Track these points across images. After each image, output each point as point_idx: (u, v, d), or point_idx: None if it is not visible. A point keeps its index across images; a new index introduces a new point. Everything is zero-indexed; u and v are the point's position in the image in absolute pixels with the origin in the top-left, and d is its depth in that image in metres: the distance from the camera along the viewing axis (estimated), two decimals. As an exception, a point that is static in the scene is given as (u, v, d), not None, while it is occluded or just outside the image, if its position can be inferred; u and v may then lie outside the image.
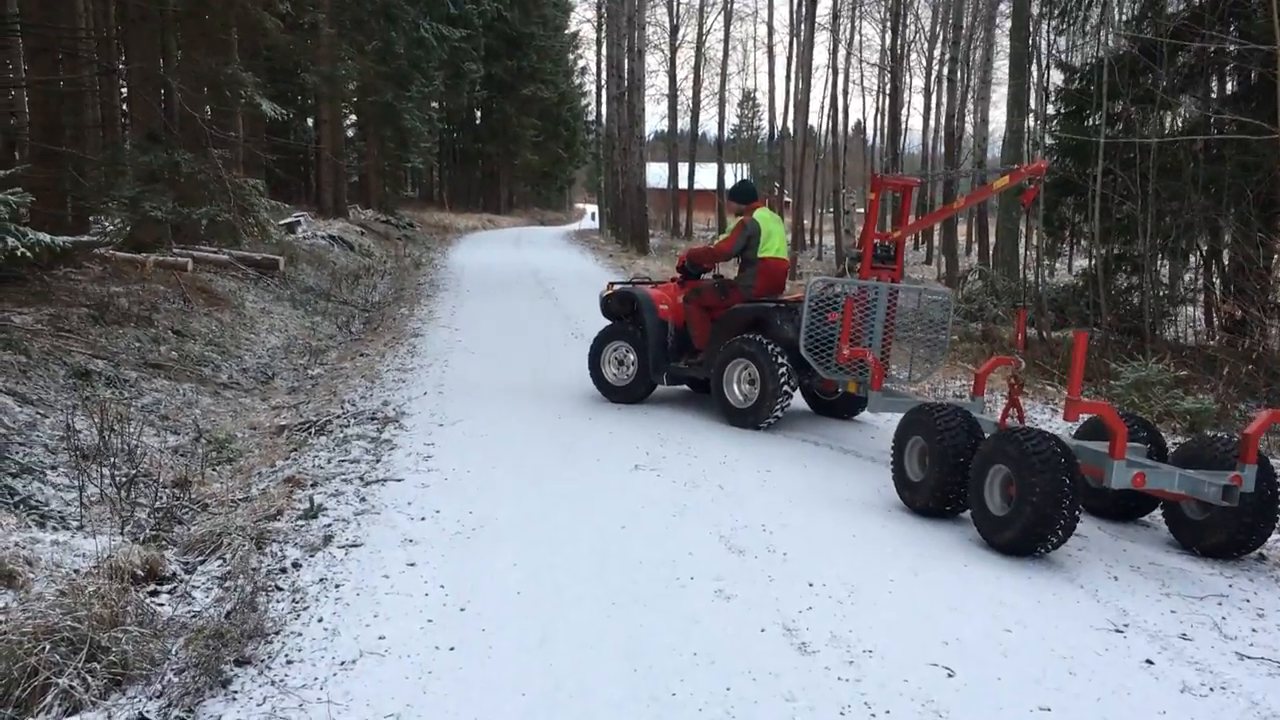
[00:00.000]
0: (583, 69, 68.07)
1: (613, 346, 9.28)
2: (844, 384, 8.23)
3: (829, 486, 6.77)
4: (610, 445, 7.65)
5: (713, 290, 8.89)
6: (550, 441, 7.73)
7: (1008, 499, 5.48)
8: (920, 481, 6.20)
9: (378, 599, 4.67)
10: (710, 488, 6.52)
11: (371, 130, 35.69)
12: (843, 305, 7.78)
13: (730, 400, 8.38)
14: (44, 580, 4.40)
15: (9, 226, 6.50)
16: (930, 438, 6.09)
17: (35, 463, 7.15)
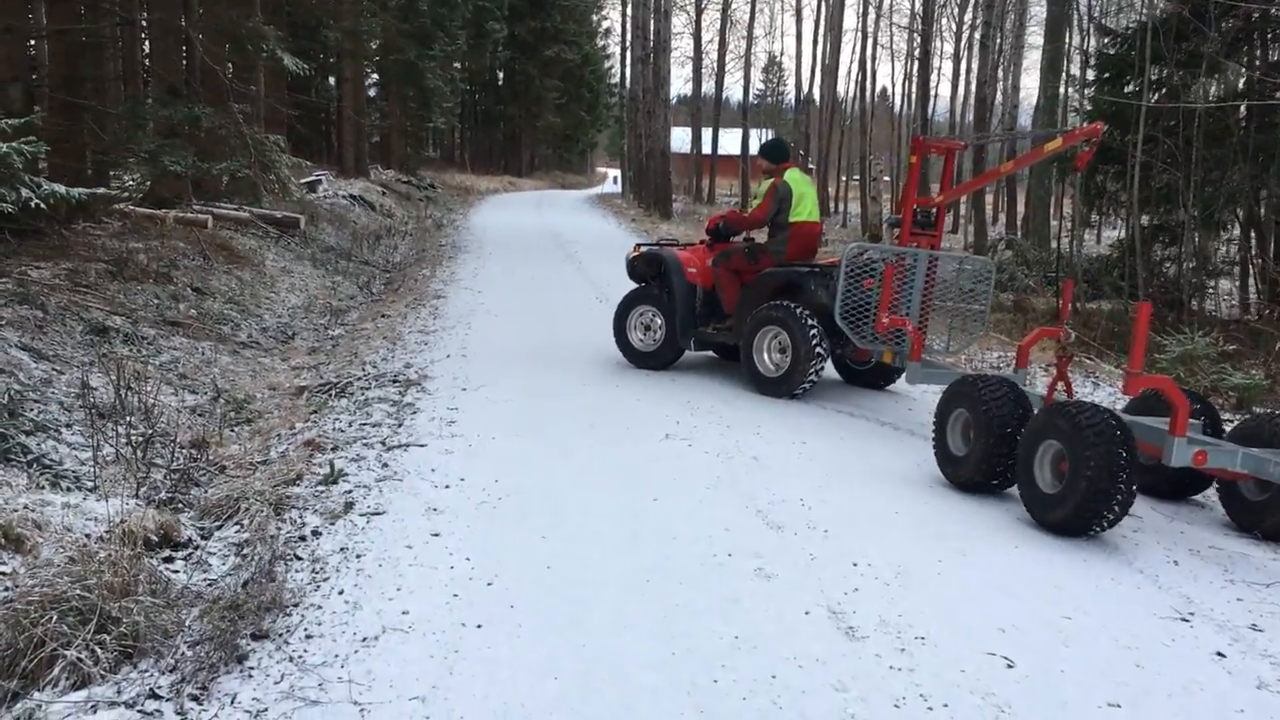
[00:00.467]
0: (606, 30, 67.33)
1: (638, 311, 9.02)
2: (879, 354, 8.01)
3: (867, 459, 6.52)
4: (639, 413, 7.41)
5: (743, 254, 8.64)
6: (577, 408, 7.50)
7: (1059, 476, 5.23)
8: (964, 456, 5.95)
9: (401, 571, 4.45)
10: (744, 459, 6.28)
11: (393, 89, 35.34)
12: (882, 272, 7.59)
13: (760, 369, 8.15)
14: (53, 545, 4.20)
15: (22, 176, 6.27)
16: (975, 410, 5.84)
17: (50, 420, 6.96)
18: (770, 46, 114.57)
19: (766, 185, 8.51)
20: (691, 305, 8.70)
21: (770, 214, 8.41)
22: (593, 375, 8.66)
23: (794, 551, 4.79)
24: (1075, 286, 16.26)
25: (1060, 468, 5.22)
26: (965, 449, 5.98)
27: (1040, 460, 5.36)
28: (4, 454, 5.84)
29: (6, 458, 5.83)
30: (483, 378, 8.36)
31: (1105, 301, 16.46)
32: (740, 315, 8.35)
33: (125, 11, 15.60)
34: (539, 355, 9.43)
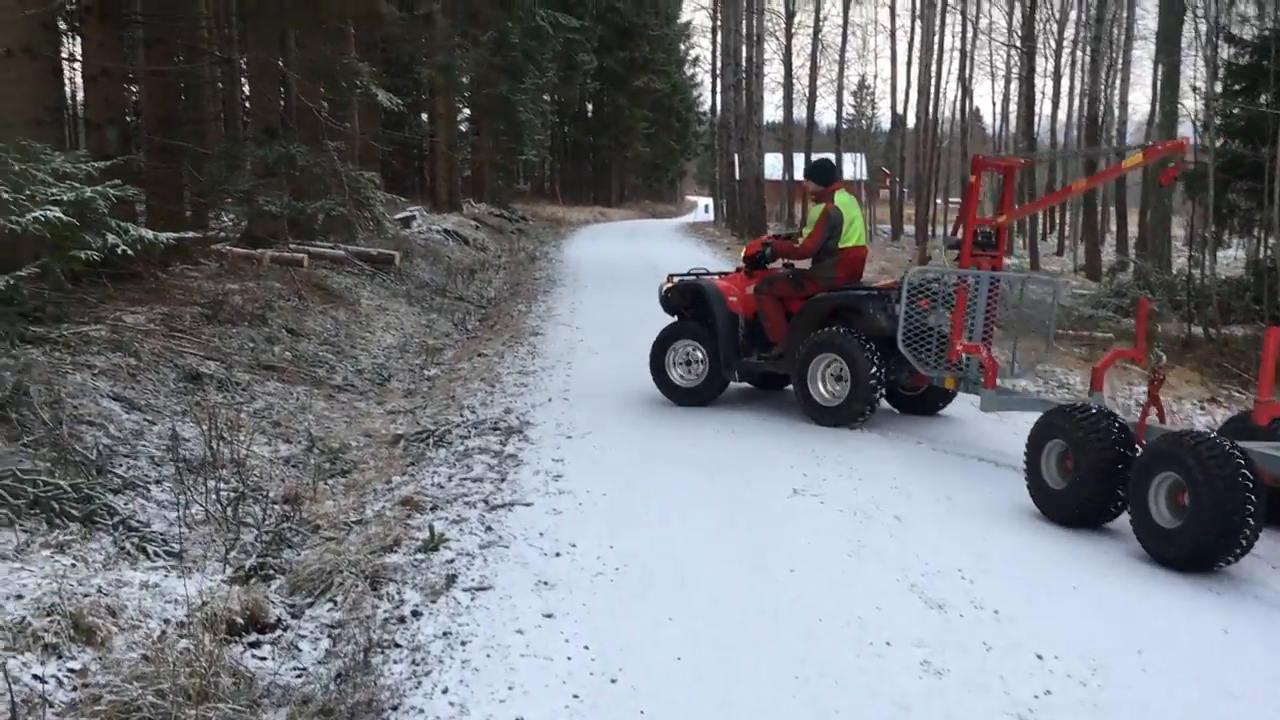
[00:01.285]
0: (695, 59, 67.13)
1: (678, 346, 8.55)
2: (939, 380, 7.59)
3: (1020, 514, 5.79)
4: (760, 462, 6.80)
5: (788, 281, 8.25)
6: (691, 458, 6.92)
7: (1177, 509, 4.97)
8: (1063, 490, 5.66)
9: (511, 663, 3.91)
10: (885, 519, 5.62)
11: (485, 123, 35.39)
12: (953, 296, 7.40)
13: (816, 398, 7.82)
14: (128, 636, 3.75)
15: (109, 221, 5.95)
16: (1074, 441, 5.58)
17: (139, 477, 6.63)
18: (862, 69, 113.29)
19: (817, 211, 8.12)
20: (735, 336, 8.33)
21: (821, 242, 8.07)
22: (704, 419, 8.07)
23: (963, 639, 4.13)
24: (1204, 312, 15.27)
25: (1178, 500, 4.97)
26: (1064, 482, 5.68)
27: (1155, 493, 5.09)
28: (89, 516, 5.47)
29: (92, 520, 5.47)
30: (588, 424, 7.84)
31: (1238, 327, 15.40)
32: (792, 343, 8.01)
33: (223, 51, 15.60)
34: (644, 396, 8.88)
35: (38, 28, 8.91)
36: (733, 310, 8.36)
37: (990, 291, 7.53)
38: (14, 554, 4.30)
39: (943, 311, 7.55)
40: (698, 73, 67.55)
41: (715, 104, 45.44)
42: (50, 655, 3.50)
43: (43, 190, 5.50)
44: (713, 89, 46.81)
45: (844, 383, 7.69)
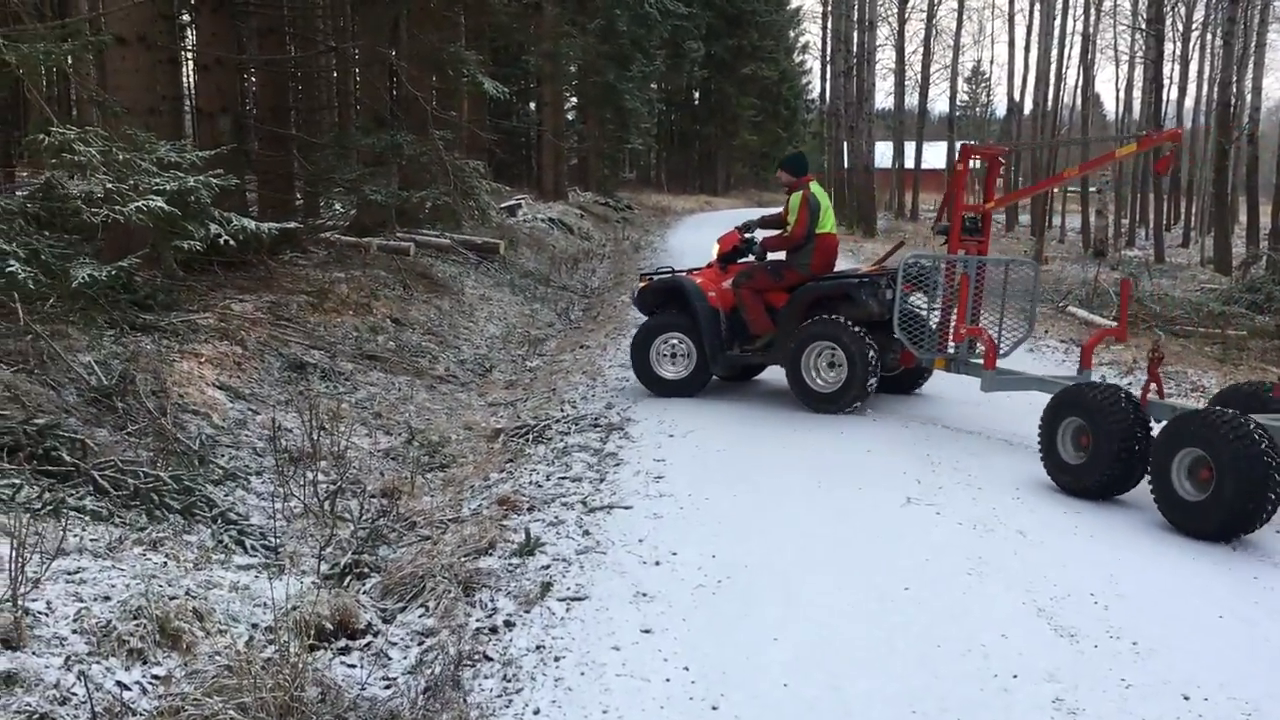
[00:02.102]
0: (804, 46, 66.04)
1: (664, 339, 8.47)
2: (929, 361, 7.92)
3: (1154, 531, 5.34)
4: (871, 468, 6.46)
5: (766, 272, 8.35)
6: (798, 461, 6.62)
7: (1200, 484, 5.22)
8: (1082, 464, 5.90)
9: (606, 683, 3.69)
10: (1008, 534, 5.24)
11: (591, 111, 35.32)
12: (959, 282, 7.72)
13: (811, 385, 7.92)
14: (214, 640, 3.64)
15: (211, 212, 5.91)
16: (1093, 419, 5.83)
17: (240, 468, 6.62)
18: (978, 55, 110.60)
19: (798, 199, 8.21)
20: (718, 330, 8.34)
21: (808, 227, 8.15)
22: (812, 420, 7.75)
23: (1099, 674, 3.76)
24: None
25: (1201, 475, 5.20)
26: (1082, 457, 5.92)
27: (1178, 468, 5.32)
28: (189, 508, 5.44)
29: (191, 512, 5.44)
30: (690, 421, 7.59)
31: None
32: (783, 332, 8.10)
33: (334, 41, 15.74)
34: (749, 393, 8.61)
35: (154, 17, 9.01)
36: (713, 305, 8.38)
37: (978, 276, 7.84)
38: (106, 551, 4.24)
39: (923, 295, 7.95)
40: (806, 59, 66.64)
41: (824, 91, 44.67)
42: (135, 661, 3.41)
43: (146, 180, 5.47)
44: (822, 76, 46.07)
45: (837, 369, 7.81)
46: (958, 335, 7.72)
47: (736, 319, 8.40)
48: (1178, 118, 42.20)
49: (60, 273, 5.38)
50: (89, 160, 5.34)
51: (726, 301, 8.42)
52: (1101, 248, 24.40)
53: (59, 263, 5.43)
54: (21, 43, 6.02)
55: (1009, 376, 7.47)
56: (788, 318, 8.10)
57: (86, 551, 4.13)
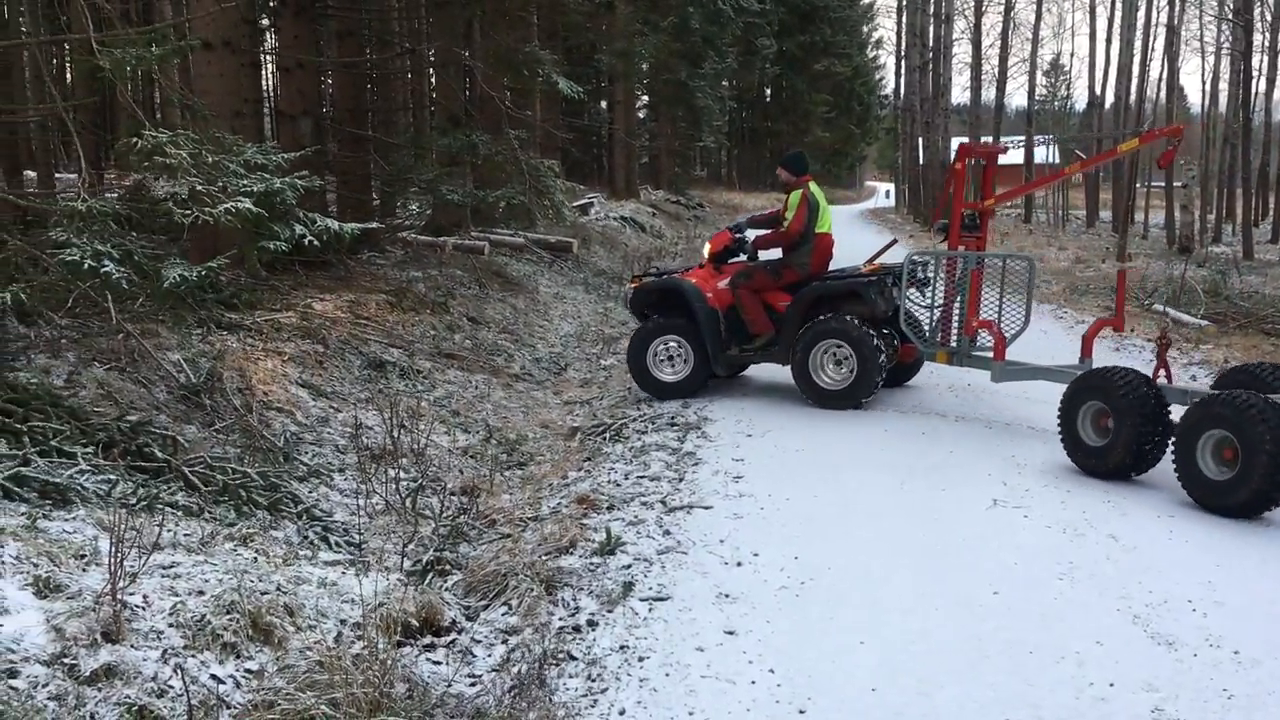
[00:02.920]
0: (878, 41, 65.45)
1: (660, 342, 8.44)
2: (931, 355, 8.11)
3: (1251, 536, 5.17)
4: (954, 468, 6.35)
5: (765, 271, 8.39)
6: (880, 461, 6.53)
7: (1225, 463, 5.45)
8: (1104, 446, 6.11)
9: (691, 684, 3.67)
10: (1099, 538, 5.11)
11: (663, 110, 35.31)
12: (969, 277, 7.94)
13: (819, 383, 7.99)
14: (305, 636, 3.68)
15: (296, 212, 6.00)
16: (1114, 402, 6.04)
17: (323, 464, 6.71)
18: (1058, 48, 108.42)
19: (798, 196, 8.25)
20: (718, 330, 8.35)
21: (806, 223, 8.21)
22: (892, 419, 7.66)
23: (1200, 683, 3.64)
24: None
25: (1225, 455, 5.44)
26: (1104, 440, 6.14)
27: (1203, 449, 5.54)
28: (275, 504, 5.53)
29: (277, 508, 5.53)
30: (768, 421, 7.54)
31: None
32: (788, 331, 8.14)
33: (410, 42, 15.92)
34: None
35: (237, 22, 9.18)
36: (711, 306, 8.38)
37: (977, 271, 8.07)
38: (199, 546, 4.32)
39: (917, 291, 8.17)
40: (880, 55, 65.94)
41: (898, 87, 44.16)
42: (228, 655, 3.46)
43: (234, 181, 5.57)
44: (896, 71, 45.52)
45: (845, 367, 7.90)
46: (969, 329, 7.94)
47: (734, 318, 8.41)
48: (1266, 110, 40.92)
49: (152, 273, 5.50)
50: (179, 163, 5.44)
51: (723, 301, 8.43)
52: (1187, 244, 23.74)
53: (151, 263, 5.55)
54: (114, 48, 6.17)
55: (1018, 367, 7.61)
56: (792, 316, 8.13)
57: (180, 546, 4.21)
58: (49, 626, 3.24)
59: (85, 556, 3.83)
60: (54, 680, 3.03)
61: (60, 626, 3.24)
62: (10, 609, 3.30)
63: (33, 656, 3.10)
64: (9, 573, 3.53)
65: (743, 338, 8.40)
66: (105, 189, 11.38)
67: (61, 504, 4.44)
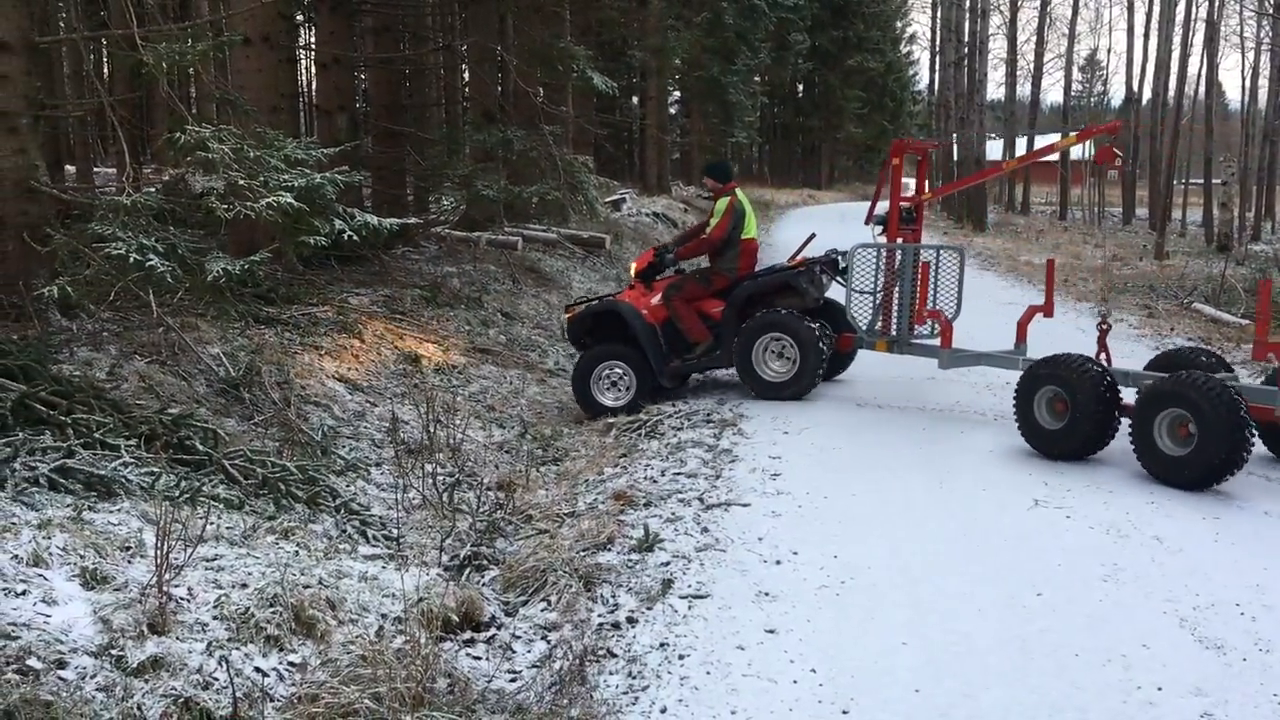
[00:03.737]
0: (911, 36, 65.00)
1: (603, 368, 8.43)
2: (871, 344, 8.33)
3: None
4: (995, 469, 6.29)
5: (695, 280, 8.51)
6: (918, 459, 6.48)
7: (1181, 439, 5.81)
8: (1060, 429, 6.40)
9: (733, 683, 3.65)
10: (1144, 540, 5.04)
11: (695, 105, 35.28)
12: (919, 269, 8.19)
13: (764, 376, 8.08)
14: (347, 629, 3.70)
15: (336, 208, 6.02)
16: (1069, 386, 6.34)
17: (360, 458, 6.75)
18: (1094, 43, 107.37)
19: (724, 204, 8.37)
20: (659, 345, 8.41)
21: (728, 231, 8.33)
22: (930, 419, 7.60)
23: (1250, 688, 3.58)
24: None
25: (1181, 432, 5.81)
26: (1060, 423, 6.42)
27: (1159, 427, 5.89)
28: (313, 498, 5.56)
29: (316, 502, 5.56)
30: (804, 419, 7.49)
31: None
32: (727, 330, 8.23)
33: (445, 38, 15.96)
34: (862, 391, 8.46)
35: (275, 17, 9.23)
36: (649, 323, 8.44)
37: (915, 262, 8.29)
38: (241, 539, 4.34)
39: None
40: (913, 50, 65.48)
41: (933, 82, 43.88)
42: (272, 647, 3.48)
43: (275, 176, 5.59)
44: (930, 67, 45.25)
45: (786, 359, 8.02)
46: (919, 318, 8.17)
47: (671, 331, 8.48)
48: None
49: (195, 267, 5.54)
50: (221, 158, 5.48)
51: (658, 316, 8.50)
52: (1226, 242, 23.43)
53: (194, 257, 5.59)
54: (156, 43, 6.22)
55: (962, 353, 7.84)
56: (729, 318, 8.23)
57: (223, 539, 4.24)
58: (96, 618, 3.27)
59: (130, 548, 3.86)
60: (102, 671, 3.06)
61: (107, 618, 3.27)
62: (59, 600, 3.33)
63: (81, 648, 3.13)
64: (57, 564, 3.56)
65: (683, 348, 8.49)
66: (145, 183, 11.47)
67: (106, 496, 4.49)
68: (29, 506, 4.14)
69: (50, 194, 6.91)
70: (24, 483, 4.31)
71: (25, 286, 6.38)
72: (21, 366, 5.21)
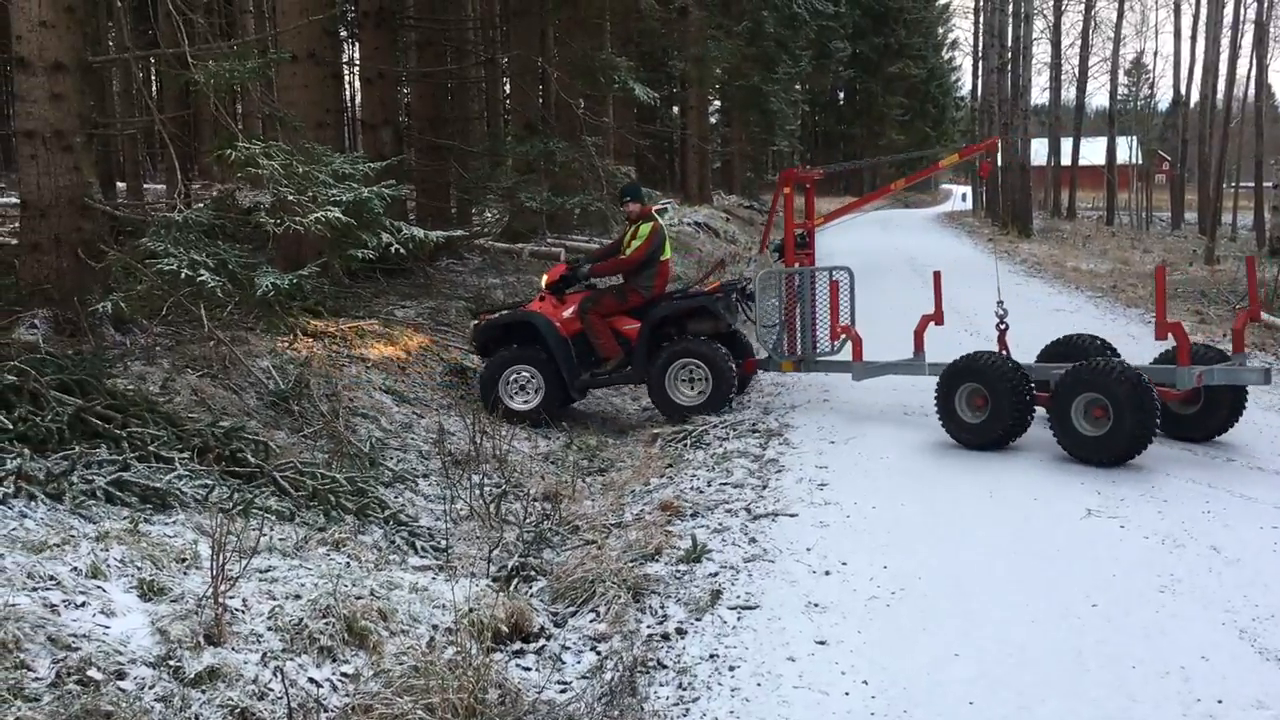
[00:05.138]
0: (954, 42, 64.64)
1: (511, 374, 8.46)
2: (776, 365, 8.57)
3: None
4: (1045, 477, 6.21)
5: (612, 296, 8.64)
6: (965, 467, 6.42)
7: (1095, 421, 6.33)
8: (982, 422, 6.85)
9: (784, 695, 3.63)
10: (1200, 550, 4.95)
11: (736, 114, 35.23)
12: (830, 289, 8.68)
13: (677, 401, 8.23)
14: (399, 640, 3.72)
15: (383, 221, 6.08)
16: (988, 382, 6.80)
17: (408, 470, 6.78)
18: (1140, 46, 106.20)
19: (648, 227, 8.49)
20: (571, 357, 8.50)
21: (650, 255, 8.47)
22: (977, 426, 7.52)
23: (1314, 703, 3.52)
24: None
25: (1095, 414, 6.33)
26: (981, 416, 6.87)
27: (1076, 411, 6.40)
28: (362, 509, 5.60)
29: (365, 513, 5.59)
30: (850, 428, 7.45)
31: None
32: (640, 350, 8.37)
33: (487, 51, 16.08)
34: (908, 401, 8.37)
35: (320, 34, 9.34)
36: (561, 335, 8.51)
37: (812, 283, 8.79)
38: (293, 550, 4.39)
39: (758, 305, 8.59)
40: (955, 56, 65.15)
41: (975, 88, 43.53)
42: (325, 658, 3.50)
43: (324, 191, 5.66)
44: (973, 72, 44.86)
45: (697, 384, 8.21)
46: (834, 334, 8.64)
47: (583, 345, 8.55)
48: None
49: (245, 281, 5.61)
50: (271, 173, 5.55)
51: (570, 329, 8.56)
52: (1278, 246, 23.01)
53: (244, 272, 5.66)
54: (206, 61, 6.33)
55: (872, 365, 8.18)
56: (644, 335, 8.37)
57: (276, 550, 4.29)
58: (154, 629, 3.32)
59: (186, 560, 3.91)
60: (160, 682, 3.10)
61: (165, 629, 3.31)
62: (117, 611, 3.38)
63: (139, 658, 3.17)
64: (115, 575, 3.62)
65: (594, 362, 8.58)
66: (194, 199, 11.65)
67: (161, 508, 4.55)
68: (87, 519, 4.21)
69: (103, 211, 7.04)
70: (82, 495, 4.38)
71: (80, 302, 6.50)
72: (78, 381, 5.30)
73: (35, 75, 6.37)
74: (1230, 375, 6.84)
